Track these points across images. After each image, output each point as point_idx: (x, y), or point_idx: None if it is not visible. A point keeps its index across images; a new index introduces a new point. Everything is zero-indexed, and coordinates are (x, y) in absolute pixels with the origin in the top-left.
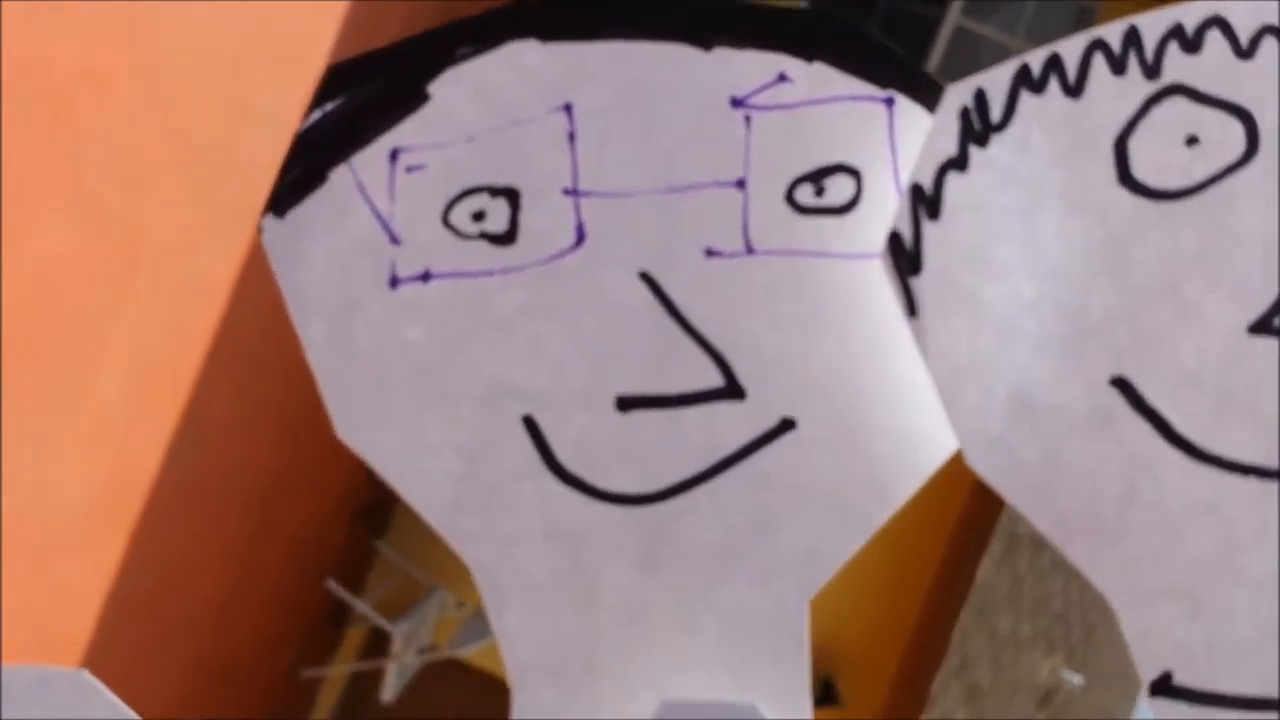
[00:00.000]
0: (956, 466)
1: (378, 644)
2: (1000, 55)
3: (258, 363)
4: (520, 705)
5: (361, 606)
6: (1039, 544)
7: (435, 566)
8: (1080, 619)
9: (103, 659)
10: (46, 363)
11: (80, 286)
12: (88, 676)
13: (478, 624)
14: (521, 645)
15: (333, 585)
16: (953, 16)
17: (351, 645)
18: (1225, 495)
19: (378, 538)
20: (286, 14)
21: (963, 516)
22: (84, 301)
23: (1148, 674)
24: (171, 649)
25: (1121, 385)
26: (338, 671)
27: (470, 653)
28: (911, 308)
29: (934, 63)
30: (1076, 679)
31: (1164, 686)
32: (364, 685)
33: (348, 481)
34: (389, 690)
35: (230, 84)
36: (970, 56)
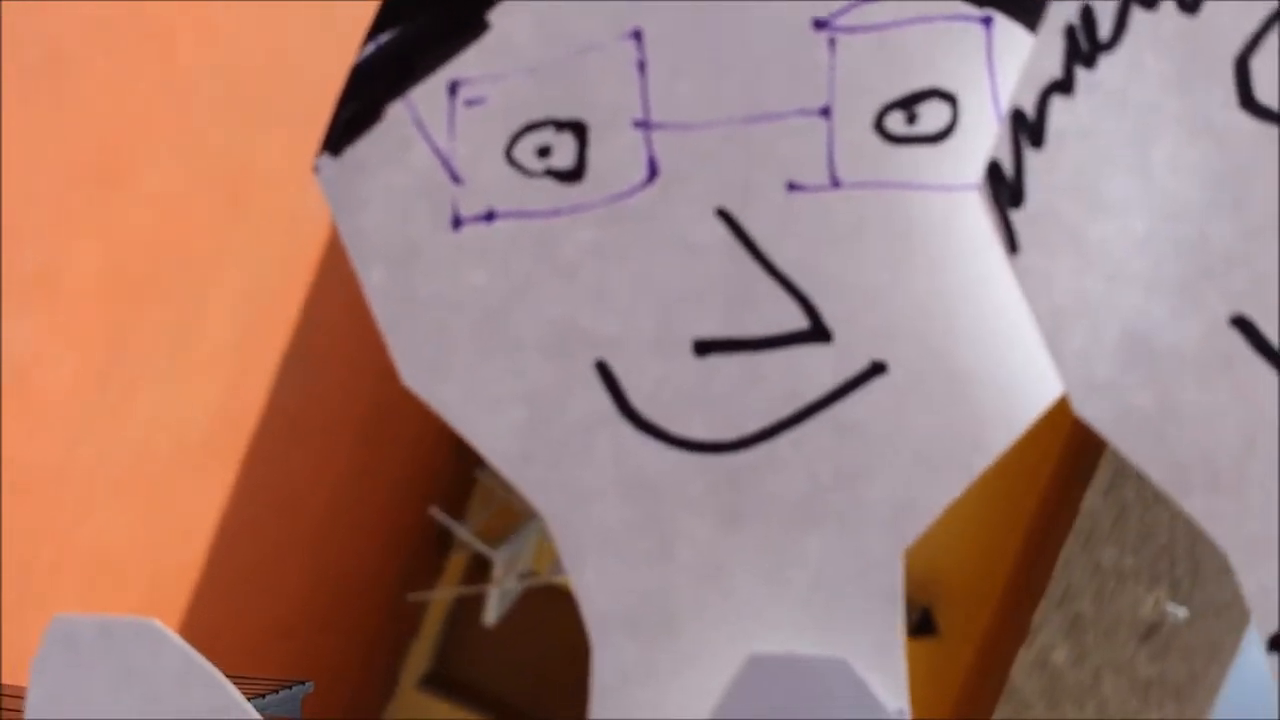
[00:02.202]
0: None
1: (480, 569)
2: None
3: (362, 296)
4: (600, 660)
5: (463, 533)
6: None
7: None
8: (1186, 552)
9: (213, 582)
10: (161, 300)
11: (190, 224)
12: (157, 625)
13: None
14: (599, 599)
15: (436, 512)
16: None
17: (454, 570)
18: None
19: (480, 467)
20: None
21: (1068, 444)
22: (194, 239)
23: (1265, 629)
24: (280, 572)
25: (1243, 326)
26: (441, 595)
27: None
28: (1012, 243)
29: None
30: (1181, 612)
31: None
32: (467, 609)
33: None
34: (491, 614)
35: (335, 18)
36: None
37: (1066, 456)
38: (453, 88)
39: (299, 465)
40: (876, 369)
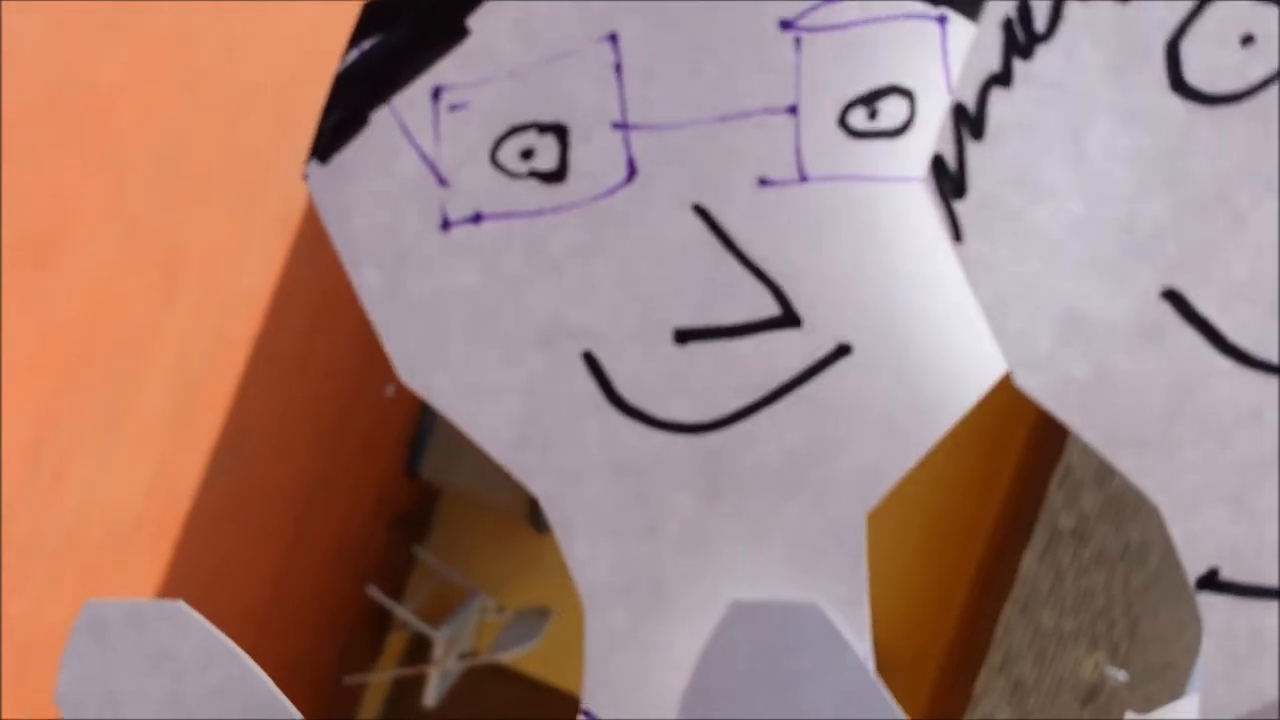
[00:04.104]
0: (995, 460)
1: (419, 650)
2: None
3: (295, 374)
4: (593, 627)
5: (402, 612)
6: (1081, 538)
7: (475, 572)
8: (1124, 614)
9: None
10: (93, 379)
11: (123, 303)
12: (183, 608)
13: (518, 629)
14: (591, 571)
15: (374, 591)
16: None
17: (393, 651)
18: (1273, 400)
19: (417, 544)
20: (329, 26)
21: (1004, 510)
22: (127, 318)
23: (1194, 572)
24: None
25: (1172, 297)
26: (380, 678)
27: (511, 657)
28: (957, 232)
29: None
30: (1121, 675)
31: (1210, 582)
32: (406, 691)
33: (386, 488)
34: (431, 695)
35: (272, 98)
36: None
37: (1001, 524)
38: (436, 93)
39: (229, 548)
40: (842, 350)
